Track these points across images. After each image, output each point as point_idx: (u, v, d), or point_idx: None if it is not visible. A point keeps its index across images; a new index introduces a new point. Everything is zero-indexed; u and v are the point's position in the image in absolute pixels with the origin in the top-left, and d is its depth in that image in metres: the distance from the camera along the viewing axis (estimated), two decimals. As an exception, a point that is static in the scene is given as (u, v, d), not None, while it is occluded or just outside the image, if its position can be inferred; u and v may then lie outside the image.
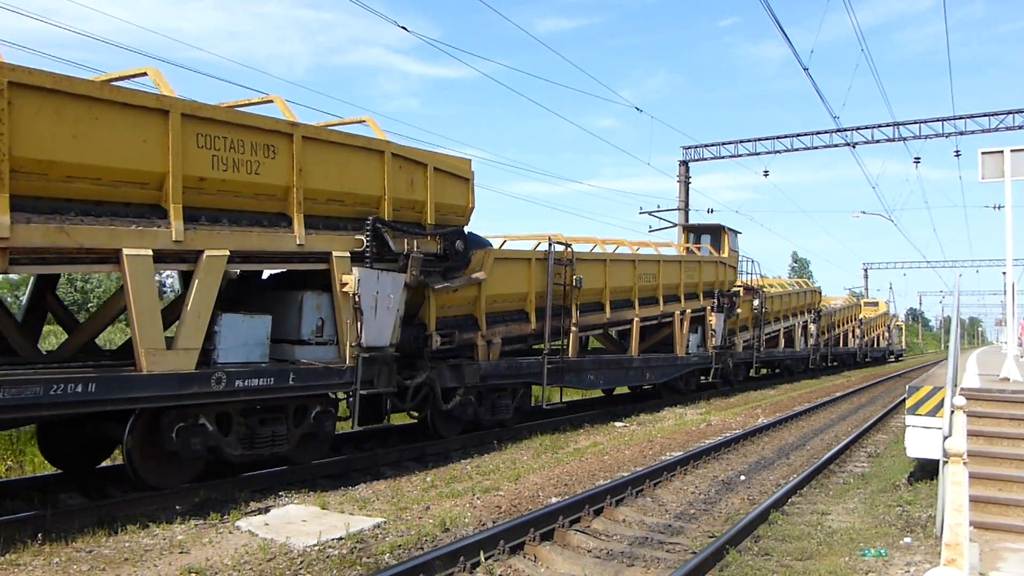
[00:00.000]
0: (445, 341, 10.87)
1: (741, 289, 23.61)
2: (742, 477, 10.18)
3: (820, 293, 36.25)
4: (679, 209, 34.70)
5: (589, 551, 6.61)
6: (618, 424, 14.62)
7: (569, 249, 13.81)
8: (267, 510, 7.45)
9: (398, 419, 12.37)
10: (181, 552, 6.09)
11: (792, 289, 31.31)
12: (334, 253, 8.87)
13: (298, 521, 7.02)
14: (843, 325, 40.24)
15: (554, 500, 8.07)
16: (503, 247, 13.88)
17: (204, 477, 8.20)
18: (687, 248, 22.80)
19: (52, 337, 18.43)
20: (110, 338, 18.62)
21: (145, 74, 8.05)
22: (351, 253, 9.08)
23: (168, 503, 7.53)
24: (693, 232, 24.74)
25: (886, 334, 53.83)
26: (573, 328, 14.17)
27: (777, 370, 30.79)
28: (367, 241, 9.29)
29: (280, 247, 8.33)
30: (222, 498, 7.86)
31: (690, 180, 35.10)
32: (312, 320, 8.81)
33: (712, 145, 34.74)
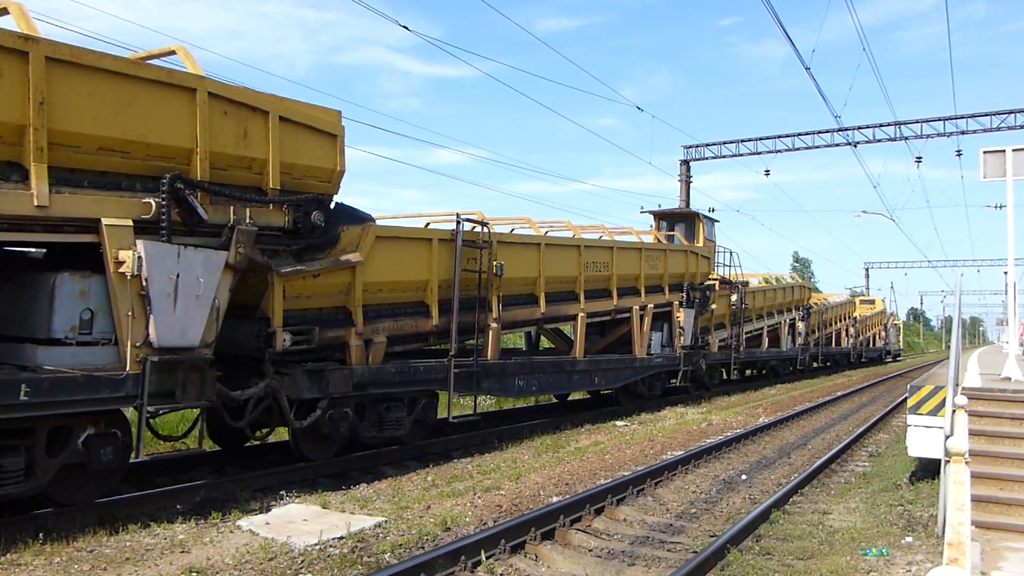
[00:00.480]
0: (299, 340, 8.73)
1: (716, 283, 21.21)
2: (743, 476, 10.17)
3: (810, 289, 34.55)
4: (680, 208, 34.69)
5: (590, 550, 6.61)
6: (619, 423, 14.60)
7: (485, 229, 11.55)
8: (268, 509, 7.45)
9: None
10: (182, 551, 6.09)
11: (776, 284, 29.17)
12: (105, 221, 6.65)
13: (299, 520, 7.01)
14: (836, 323, 38.55)
15: (555, 499, 8.07)
16: (399, 225, 11.33)
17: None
18: (658, 239, 19.90)
19: None
20: None
21: None
22: (137, 222, 6.90)
23: (169, 502, 7.53)
24: (665, 220, 21.89)
25: (882, 333, 52.16)
26: (493, 324, 11.94)
27: (763, 371, 29.07)
28: (160, 205, 7.07)
29: (5, 209, 6.14)
30: (223, 497, 7.86)
31: (691, 179, 35.08)
32: (71, 312, 6.59)
33: (713, 144, 34.72)
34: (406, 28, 15.38)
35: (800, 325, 30.09)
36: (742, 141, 34.08)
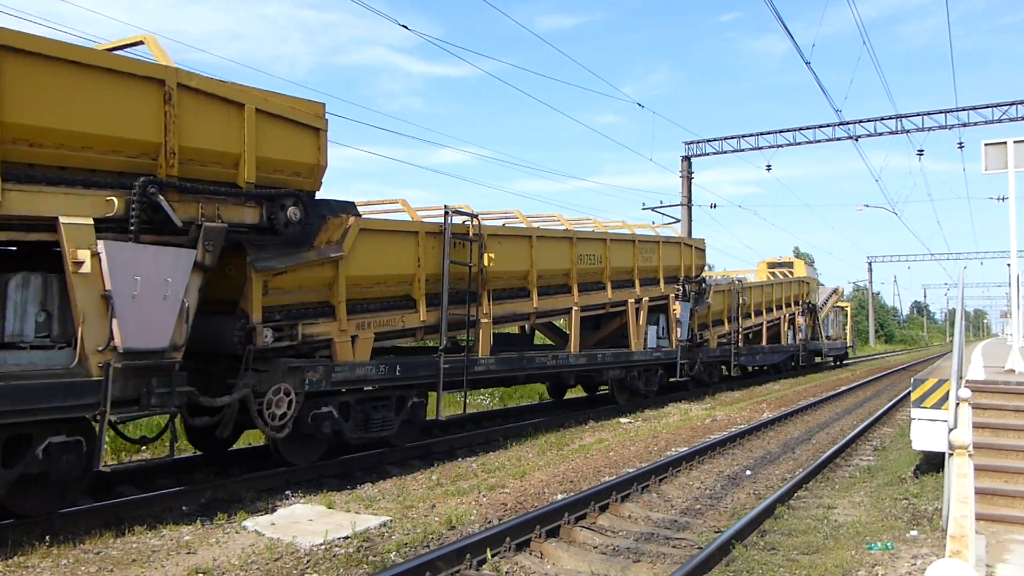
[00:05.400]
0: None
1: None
2: (748, 472, 10.18)
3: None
4: (682, 204, 34.66)
5: (595, 547, 6.62)
6: (623, 420, 14.61)
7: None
8: (273, 510, 7.47)
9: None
10: (188, 552, 6.12)
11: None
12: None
13: (304, 520, 7.03)
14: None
15: (560, 497, 8.08)
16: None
17: None
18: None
19: None
20: None
21: None
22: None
23: (175, 504, 7.55)
24: None
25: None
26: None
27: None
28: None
29: None
30: (228, 498, 7.89)
31: (692, 175, 35.04)
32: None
33: (714, 140, 34.68)
34: (406, 28, 15.40)
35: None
36: (743, 136, 34.03)
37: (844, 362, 40.49)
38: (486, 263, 11.45)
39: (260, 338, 8.18)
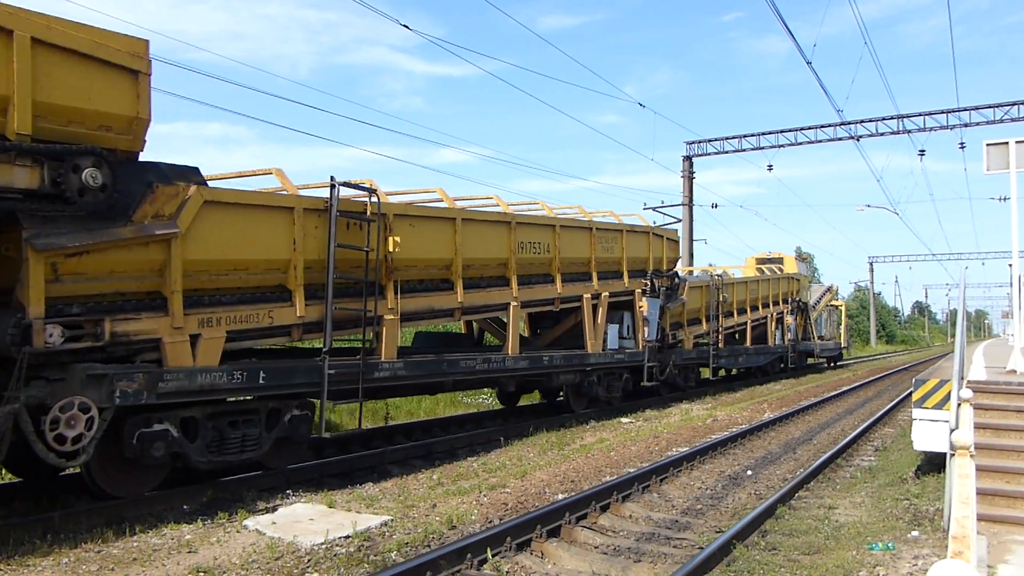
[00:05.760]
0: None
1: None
2: (748, 472, 10.17)
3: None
4: (683, 204, 34.69)
5: (596, 547, 6.62)
6: (624, 420, 14.61)
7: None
8: (274, 509, 7.47)
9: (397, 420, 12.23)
10: (189, 551, 6.12)
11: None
12: None
13: (305, 520, 7.04)
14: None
15: (560, 497, 8.08)
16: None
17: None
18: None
19: None
20: None
21: None
22: None
23: (176, 503, 7.56)
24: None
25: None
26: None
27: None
28: None
29: None
30: (230, 497, 7.89)
31: (694, 175, 35.06)
32: None
33: (716, 140, 34.71)
34: (408, 28, 15.38)
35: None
36: (744, 136, 34.08)
37: (838, 364, 38.44)
38: (391, 248, 9.60)
39: (40, 337, 6.36)
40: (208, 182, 8.01)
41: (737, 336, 24.06)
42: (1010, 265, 12.53)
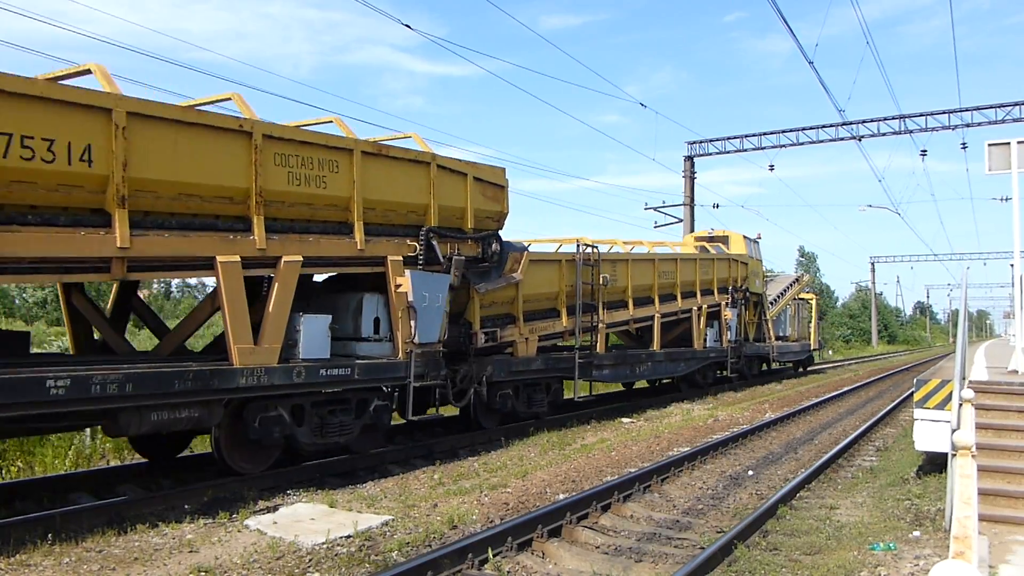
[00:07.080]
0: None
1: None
2: (750, 472, 10.16)
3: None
4: (684, 204, 34.65)
5: (597, 547, 6.61)
6: (625, 420, 14.61)
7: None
8: (275, 509, 7.47)
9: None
10: (190, 551, 6.12)
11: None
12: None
13: (306, 519, 7.04)
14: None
15: (561, 496, 8.08)
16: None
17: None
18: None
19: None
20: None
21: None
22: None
23: (177, 502, 7.56)
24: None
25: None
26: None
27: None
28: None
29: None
30: (231, 497, 7.89)
31: (695, 175, 35.03)
32: None
33: (717, 140, 34.68)
34: (409, 27, 15.41)
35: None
36: (746, 136, 34.05)
37: (808, 369, 32.45)
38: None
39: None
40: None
41: (641, 335, 19.19)
42: (1012, 265, 12.52)
